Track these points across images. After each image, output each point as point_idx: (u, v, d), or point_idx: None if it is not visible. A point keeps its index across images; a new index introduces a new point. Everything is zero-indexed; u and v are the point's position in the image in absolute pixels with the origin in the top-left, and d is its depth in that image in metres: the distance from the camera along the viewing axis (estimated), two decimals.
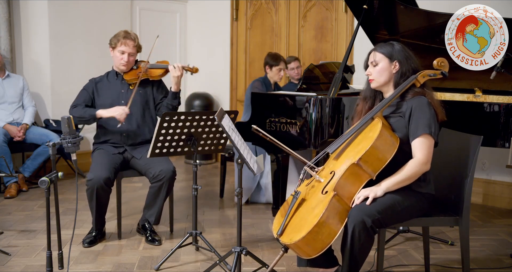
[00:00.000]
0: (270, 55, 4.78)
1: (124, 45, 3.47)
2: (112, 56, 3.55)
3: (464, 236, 2.48)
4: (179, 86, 3.46)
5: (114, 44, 3.51)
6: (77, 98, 3.52)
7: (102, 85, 3.55)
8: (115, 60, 3.54)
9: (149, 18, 6.30)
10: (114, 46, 3.51)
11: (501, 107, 3.14)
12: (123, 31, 3.55)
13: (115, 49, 3.50)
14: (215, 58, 6.49)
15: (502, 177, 4.42)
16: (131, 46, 3.48)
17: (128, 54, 3.47)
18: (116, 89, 3.53)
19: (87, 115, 3.41)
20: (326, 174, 2.39)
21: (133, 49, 3.50)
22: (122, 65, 3.49)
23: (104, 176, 3.18)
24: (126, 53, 3.47)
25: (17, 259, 3.08)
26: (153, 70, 3.53)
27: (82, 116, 3.41)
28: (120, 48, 3.47)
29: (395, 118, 2.43)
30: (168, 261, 3.02)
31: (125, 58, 3.47)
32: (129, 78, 3.51)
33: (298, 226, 2.26)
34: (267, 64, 4.73)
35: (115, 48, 3.50)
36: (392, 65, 2.45)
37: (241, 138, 2.66)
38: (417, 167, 2.31)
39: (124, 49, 3.47)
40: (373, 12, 3.74)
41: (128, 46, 3.47)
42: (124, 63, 3.48)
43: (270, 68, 4.69)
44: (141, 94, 3.52)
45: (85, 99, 3.50)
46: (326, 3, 5.67)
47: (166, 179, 3.27)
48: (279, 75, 4.72)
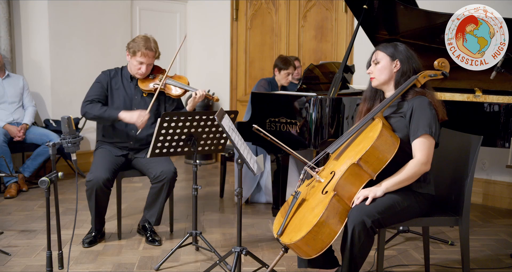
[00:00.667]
0: (281, 58, 4.73)
1: (144, 57, 3.31)
2: (129, 60, 3.39)
3: (464, 236, 2.48)
4: (195, 106, 3.40)
5: (133, 52, 3.33)
6: (90, 92, 3.37)
7: (117, 83, 3.42)
8: (131, 67, 3.39)
9: (149, 18, 6.30)
10: (132, 54, 3.33)
11: (501, 107, 3.14)
12: (143, 39, 3.34)
13: (133, 58, 3.33)
14: (215, 58, 6.49)
15: (502, 177, 4.42)
16: (151, 57, 3.34)
17: (146, 65, 3.34)
18: (129, 94, 3.42)
19: (107, 116, 3.27)
20: (326, 174, 2.39)
21: (152, 60, 3.37)
22: (138, 74, 3.37)
23: (104, 177, 3.17)
24: (145, 64, 3.34)
25: (17, 259, 3.08)
26: (172, 87, 3.39)
27: (101, 116, 3.27)
28: (138, 59, 3.31)
29: (396, 118, 2.43)
30: (168, 261, 3.02)
31: (143, 69, 3.34)
32: (144, 87, 3.39)
33: (298, 226, 2.26)
34: (276, 66, 4.68)
35: (133, 56, 3.34)
36: (393, 64, 2.45)
37: (241, 138, 2.66)
38: (417, 167, 2.31)
39: (143, 61, 3.32)
40: (373, 12, 3.74)
41: (147, 58, 3.32)
42: (141, 73, 3.36)
43: (279, 71, 4.65)
44: (154, 105, 3.39)
45: (100, 93, 3.35)
46: (326, 3, 5.67)
47: (167, 180, 3.26)
48: (286, 79, 4.68)
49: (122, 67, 3.52)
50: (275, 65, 4.71)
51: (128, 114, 3.27)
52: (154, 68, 3.48)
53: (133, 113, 3.27)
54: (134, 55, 3.33)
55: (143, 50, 3.30)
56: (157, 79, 3.42)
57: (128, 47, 3.37)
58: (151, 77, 3.43)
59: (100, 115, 3.28)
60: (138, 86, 3.43)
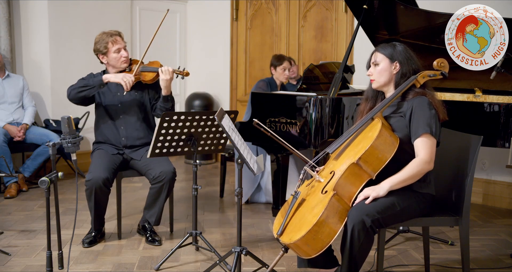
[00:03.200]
0: (274, 56, 4.85)
1: (116, 43, 3.37)
2: (107, 61, 3.42)
3: (464, 236, 2.48)
4: (169, 89, 3.34)
5: (104, 48, 3.37)
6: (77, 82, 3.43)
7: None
8: (114, 63, 3.41)
9: (149, 18, 6.30)
10: (105, 50, 3.37)
11: (501, 107, 3.14)
12: (101, 34, 3.42)
13: (109, 52, 3.37)
14: (215, 58, 6.49)
15: (502, 177, 4.42)
16: (120, 40, 3.40)
17: (123, 48, 3.40)
18: (113, 92, 3.45)
19: (91, 83, 3.30)
20: (326, 174, 2.39)
21: (123, 42, 3.42)
22: (123, 62, 3.40)
23: (103, 177, 3.17)
24: (122, 48, 3.39)
25: (17, 259, 3.08)
26: (145, 73, 3.41)
27: (86, 84, 3.30)
28: (114, 48, 3.36)
29: (396, 118, 2.43)
30: (168, 261, 3.02)
31: (123, 53, 3.39)
32: None
33: (298, 225, 2.26)
34: (271, 65, 4.78)
35: (108, 52, 3.37)
36: (392, 66, 2.45)
37: (241, 138, 2.66)
38: (420, 166, 2.30)
39: (118, 46, 3.37)
40: (373, 12, 3.74)
41: (118, 42, 3.38)
42: (125, 59, 3.40)
43: (275, 69, 4.74)
44: (137, 97, 3.45)
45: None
46: (326, 3, 5.67)
47: (166, 180, 3.26)
48: (284, 74, 4.73)
49: (102, 70, 3.53)
50: (270, 64, 4.80)
51: (112, 75, 3.33)
52: (131, 61, 3.50)
53: (117, 74, 3.33)
54: (108, 49, 3.37)
55: (109, 39, 3.36)
56: (133, 71, 3.43)
57: (98, 50, 3.40)
58: (127, 70, 3.46)
59: (85, 83, 3.32)
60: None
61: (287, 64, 4.74)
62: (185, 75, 3.40)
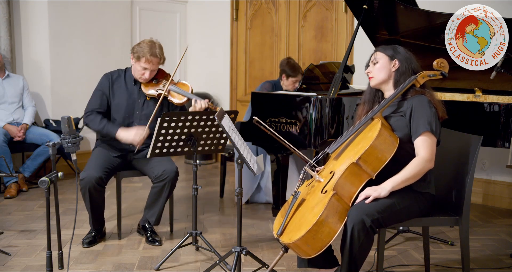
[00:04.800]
0: (290, 65, 4.57)
1: (148, 63, 3.27)
2: (133, 64, 3.37)
3: (464, 236, 2.48)
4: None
5: (137, 57, 3.29)
6: (91, 101, 3.37)
7: (119, 86, 3.40)
8: (135, 71, 3.37)
9: (149, 18, 6.30)
10: (137, 58, 3.30)
11: (501, 107, 3.14)
12: (148, 44, 3.29)
13: (138, 63, 3.30)
14: (215, 58, 6.48)
15: (502, 177, 4.42)
16: (155, 63, 3.31)
17: (150, 71, 3.31)
18: (133, 96, 3.40)
19: (105, 132, 3.29)
20: (326, 174, 2.39)
21: (157, 66, 3.34)
22: (141, 79, 3.35)
23: (96, 176, 3.14)
24: (149, 70, 3.31)
25: (17, 259, 3.08)
26: (175, 94, 3.34)
27: (100, 131, 3.30)
28: (143, 65, 3.28)
29: (396, 118, 2.43)
30: (168, 261, 3.02)
31: (146, 75, 3.31)
32: (147, 92, 3.36)
33: (298, 225, 2.26)
34: (284, 72, 4.55)
35: (137, 61, 3.30)
36: (391, 63, 2.46)
37: (241, 138, 2.66)
38: (421, 164, 2.30)
39: (147, 67, 3.28)
40: (373, 12, 3.74)
41: (151, 64, 3.28)
42: (144, 79, 3.34)
43: (287, 78, 4.53)
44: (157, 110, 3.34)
45: (101, 103, 3.34)
46: (326, 3, 5.67)
47: (169, 179, 3.26)
48: (293, 86, 4.60)
49: (126, 68, 3.48)
50: (284, 70, 4.57)
51: (125, 133, 3.25)
52: (159, 71, 3.44)
53: (130, 132, 3.25)
54: (138, 60, 3.29)
55: (148, 56, 3.26)
56: (161, 84, 3.38)
57: (133, 51, 3.33)
58: (155, 82, 3.40)
59: (99, 130, 3.32)
60: (141, 89, 3.40)
61: (300, 77, 4.58)
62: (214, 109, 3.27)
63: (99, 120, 3.31)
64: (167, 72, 3.49)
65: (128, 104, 3.39)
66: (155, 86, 3.39)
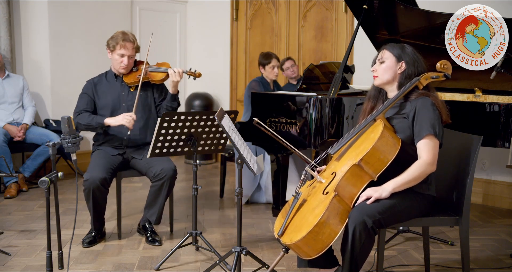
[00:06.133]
0: (262, 54, 4.84)
1: (124, 48, 3.39)
2: (111, 58, 3.48)
3: (464, 236, 2.48)
4: (176, 88, 3.43)
5: (112, 47, 3.41)
6: (78, 104, 3.46)
7: (102, 87, 3.49)
8: (114, 63, 3.47)
9: (149, 18, 6.30)
10: (112, 49, 3.42)
11: (501, 107, 3.14)
12: (121, 33, 3.45)
13: (114, 52, 3.42)
14: (215, 58, 6.49)
15: (502, 177, 4.42)
16: (130, 48, 3.42)
17: (127, 56, 3.41)
18: (116, 91, 3.48)
19: (94, 123, 3.34)
20: (328, 175, 2.39)
21: (132, 51, 3.44)
22: (121, 68, 3.43)
23: (101, 177, 3.17)
24: (126, 56, 3.41)
25: (17, 259, 3.08)
26: (154, 73, 3.46)
27: (89, 124, 3.34)
28: (119, 51, 3.40)
29: (399, 119, 2.43)
30: (168, 261, 3.02)
31: (125, 61, 3.41)
32: (129, 81, 3.46)
33: (299, 226, 2.26)
34: (260, 64, 4.80)
35: (113, 51, 3.42)
36: (398, 65, 2.45)
37: (241, 138, 2.66)
38: (423, 167, 2.30)
39: (124, 52, 3.40)
40: (373, 12, 3.74)
41: (127, 49, 3.40)
42: (123, 66, 3.42)
43: (264, 68, 4.76)
44: (142, 97, 3.47)
45: (87, 103, 3.43)
46: (326, 3, 5.67)
47: (167, 178, 3.26)
48: (273, 72, 4.74)
49: (106, 71, 3.58)
50: (259, 63, 4.80)
51: (113, 119, 3.33)
52: (137, 62, 3.53)
53: (117, 117, 3.33)
54: (114, 49, 3.41)
55: (121, 42, 3.38)
56: (140, 71, 3.46)
57: (108, 44, 3.46)
58: (135, 70, 3.49)
59: (88, 123, 3.35)
60: (124, 82, 3.48)
61: (275, 62, 4.73)
62: (197, 76, 3.44)
63: (87, 115, 3.39)
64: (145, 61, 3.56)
65: (113, 99, 3.46)
66: (135, 74, 3.48)
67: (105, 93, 3.47)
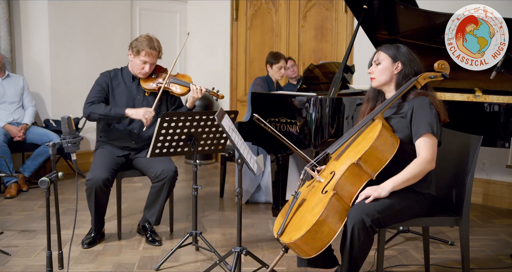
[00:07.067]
0: (271, 53, 4.83)
1: (148, 56, 3.31)
2: (131, 60, 3.39)
3: (464, 236, 2.48)
4: (194, 103, 3.43)
5: (136, 51, 3.32)
6: (91, 94, 3.36)
7: (117, 85, 3.42)
8: (134, 66, 3.38)
9: (149, 18, 6.30)
10: (136, 53, 3.33)
11: (501, 107, 3.14)
12: (147, 39, 3.33)
13: (137, 57, 3.33)
14: (215, 58, 6.49)
15: (502, 177, 4.42)
16: (155, 56, 3.34)
17: (150, 64, 3.34)
18: (131, 94, 3.43)
19: (113, 113, 3.26)
20: (327, 174, 2.39)
21: (156, 59, 3.37)
22: (141, 74, 3.37)
23: (103, 177, 3.17)
24: (148, 63, 3.34)
25: (17, 259, 3.08)
26: (176, 85, 3.39)
27: (107, 114, 3.26)
28: (142, 58, 3.31)
29: (397, 119, 2.43)
30: (168, 261, 3.02)
31: (146, 68, 3.34)
32: (146, 86, 3.39)
33: (298, 225, 2.26)
34: (268, 62, 4.78)
35: (136, 56, 3.33)
36: (394, 66, 2.46)
37: (241, 138, 2.66)
38: (422, 165, 2.30)
39: (147, 60, 3.31)
40: (373, 12, 3.74)
41: (151, 57, 3.32)
42: (144, 73, 3.36)
43: (271, 67, 4.75)
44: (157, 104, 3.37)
45: (101, 95, 3.34)
46: (326, 3, 5.67)
47: (167, 179, 3.26)
48: (279, 73, 4.75)
49: (121, 67, 3.51)
50: (267, 61, 4.79)
51: (134, 110, 3.28)
52: (156, 67, 3.48)
53: (138, 110, 3.28)
54: (138, 54, 3.33)
55: (147, 49, 3.30)
56: (161, 78, 3.42)
57: (131, 46, 3.37)
58: (154, 76, 3.43)
59: (106, 113, 3.27)
60: (140, 85, 3.43)
61: (283, 63, 4.74)
62: (220, 98, 3.40)
63: (104, 105, 3.31)
64: (165, 67, 3.52)
65: (127, 101, 3.41)
66: (154, 80, 3.42)
67: (120, 92, 3.42)
